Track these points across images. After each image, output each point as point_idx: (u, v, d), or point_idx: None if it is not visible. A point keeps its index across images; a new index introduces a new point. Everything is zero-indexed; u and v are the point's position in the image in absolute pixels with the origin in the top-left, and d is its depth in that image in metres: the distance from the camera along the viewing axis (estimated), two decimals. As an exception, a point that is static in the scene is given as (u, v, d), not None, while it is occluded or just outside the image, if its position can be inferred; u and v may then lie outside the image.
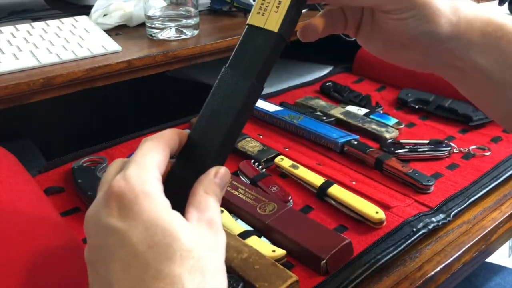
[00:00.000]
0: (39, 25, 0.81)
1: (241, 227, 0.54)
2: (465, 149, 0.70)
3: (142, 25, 0.86)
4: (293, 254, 0.51)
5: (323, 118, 0.78)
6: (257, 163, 0.66)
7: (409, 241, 0.52)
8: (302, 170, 0.64)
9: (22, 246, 0.42)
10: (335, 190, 0.59)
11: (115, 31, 0.84)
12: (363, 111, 0.80)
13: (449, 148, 0.69)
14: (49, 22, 0.82)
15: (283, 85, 0.95)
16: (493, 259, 0.73)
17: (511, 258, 1.48)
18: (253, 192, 0.58)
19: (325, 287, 0.47)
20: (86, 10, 0.88)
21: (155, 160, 0.33)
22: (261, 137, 0.75)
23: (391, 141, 0.71)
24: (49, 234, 0.45)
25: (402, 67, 0.47)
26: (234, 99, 0.37)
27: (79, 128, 0.98)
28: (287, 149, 0.71)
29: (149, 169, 0.32)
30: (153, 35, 0.82)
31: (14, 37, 0.77)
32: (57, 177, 0.66)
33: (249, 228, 0.54)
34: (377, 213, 0.54)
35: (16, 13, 0.93)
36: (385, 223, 0.55)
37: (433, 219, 0.55)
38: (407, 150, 0.68)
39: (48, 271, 0.41)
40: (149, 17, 0.82)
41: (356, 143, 0.69)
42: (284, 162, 0.65)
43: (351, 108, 0.82)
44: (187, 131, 0.38)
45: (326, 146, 0.72)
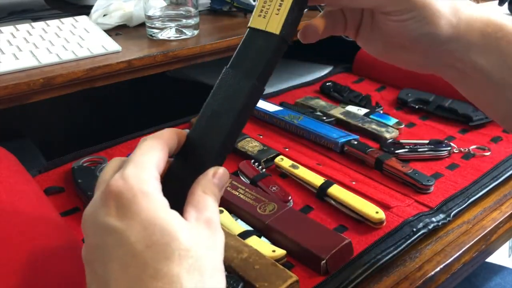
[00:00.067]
0: (39, 25, 0.81)
1: (241, 227, 0.54)
2: (465, 149, 0.70)
3: (142, 25, 0.86)
4: (293, 254, 0.51)
5: (323, 118, 0.78)
6: (257, 163, 0.66)
7: (409, 241, 0.52)
8: (302, 170, 0.64)
9: (22, 246, 0.42)
10: (335, 190, 0.59)
11: (115, 31, 0.84)
12: (363, 111, 0.80)
13: (449, 148, 0.69)
14: (49, 22, 0.82)
15: (283, 85, 0.95)
16: (493, 259, 0.73)
17: (511, 258, 1.48)
18: (253, 192, 0.58)
19: (325, 287, 0.47)
20: (86, 10, 0.88)
21: (153, 159, 0.33)
22: (261, 137, 0.75)
23: (391, 141, 0.71)
24: (49, 234, 0.45)
25: (402, 68, 0.48)
26: (235, 99, 0.37)
27: (79, 128, 0.98)
28: (287, 149, 0.71)
29: (147, 168, 0.32)
30: (153, 35, 0.82)
31: (14, 37, 0.77)
32: (57, 177, 0.66)
33: (249, 228, 0.54)
34: (377, 213, 0.54)
35: (16, 13, 0.93)
36: (385, 223, 0.55)
37: (433, 219, 0.55)
38: (407, 150, 0.68)
39: (48, 271, 0.41)
40: (149, 17, 0.82)
41: (356, 143, 0.69)
42: (284, 162, 0.65)
43: (351, 108, 0.82)
44: (186, 131, 0.38)
45: (326, 146, 0.72)
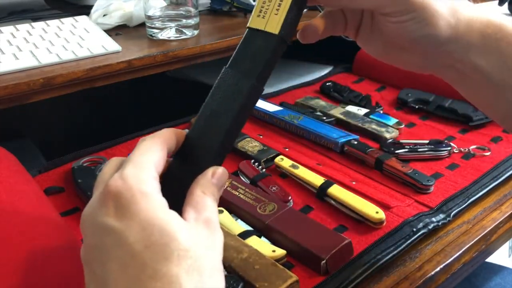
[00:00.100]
0: (39, 25, 0.81)
1: (241, 227, 0.54)
2: (465, 149, 0.70)
3: (142, 25, 0.86)
4: (293, 254, 0.51)
5: (323, 118, 0.78)
6: (257, 163, 0.66)
7: (409, 241, 0.52)
8: (302, 170, 0.64)
9: (22, 246, 0.42)
10: (335, 190, 0.59)
11: (115, 31, 0.84)
12: (363, 111, 0.80)
13: (449, 148, 0.69)
14: (49, 22, 0.82)
15: (283, 85, 0.95)
16: (493, 259, 0.73)
17: (511, 258, 1.48)
18: (253, 192, 0.58)
19: (325, 287, 0.47)
20: (86, 10, 0.88)
21: (152, 159, 0.33)
22: (261, 137, 0.75)
23: (391, 141, 0.71)
24: (49, 234, 0.45)
25: (401, 68, 0.48)
26: (234, 99, 0.37)
27: (79, 128, 0.98)
28: (287, 149, 0.71)
29: (146, 168, 0.32)
30: (153, 35, 0.82)
31: (14, 37, 0.77)
32: (57, 177, 0.66)
33: (249, 228, 0.54)
34: (377, 213, 0.54)
35: (16, 13, 0.93)
36: (385, 223, 0.55)
37: (433, 219, 0.55)
38: (407, 150, 0.68)
39: (48, 271, 0.41)
40: (149, 17, 0.82)
41: (356, 143, 0.69)
42: (284, 162, 0.65)
43: (351, 108, 0.82)
44: (185, 131, 0.38)
45: (326, 146, 0.72)
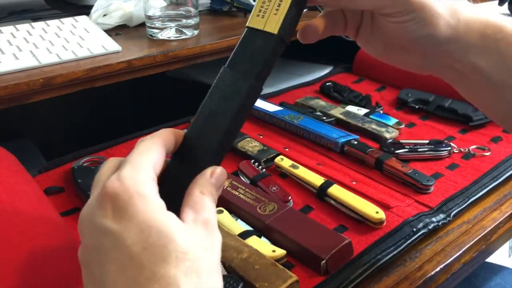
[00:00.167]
0: (39, 25, 0.81)
1: (241, 227, 0.54)
2: (465, 149, 0.70)
3: (142, 25, 0.86)
4: (293, 254, 0.51)
5: (323, 118, 0.78)
6: (257, 163, 0.66)
7: (409, 241, 0.52)
8: (302, 170, 0.64)
9: (22, 246, 0.42)
10: (335, 190, 0.59)
11: (115, 31, 0.84)
12: (363, 111, 0.80)
13: (449, 148, 0.69)
14: (49, 22, 0.82)
15: (283, 85, 0.95)
16: (493, 259, 0.73)
17: (511, 258, 1.48)
18: (253, 192, 0.58)
19: (325, 287, 0.47)
20: (86, 10, 0.88)
21: (150, 160, 0.33)
22: (261, 137, 0.75)
23: (391, 141, 0.71)
24: (49, 234, 0.45)
25: (401, 68, 0.48)
26: (232, 99, 0.37)
27: (79, 128, 0.98)
28: (287, 149, 0.71)
29: (144, 169, 0.32)
30: (153, 35, 0.82)
31: (14, 37, 0.77)
32: (57, 177, 0.66)
33: (249, 228, 0.54)
34: (377, 213, 0.54)
35: (16, 13, 0.93)
36: (385, 223, 0.55)
37: (433, 219, 0.55)
38: (407, 150, 0.68)
39: (48, 271, 0.41)
40: (149, 17, 0.82)
41: (356, 143, 0.69)
42: (284, 162, 0.65)
43: (351, 108, 0.82)
44: (183, 131, 0.38)
45: (326, 146, 0.72)
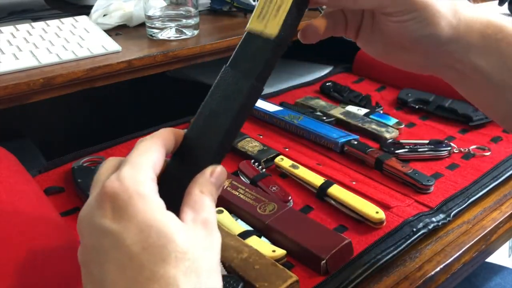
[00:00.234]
0: (39, 25, 0.81)
1: (241, 227, 0.54)
2: (465, 149, 0.70)
3: (142, 25, 0.86)
4: (293, 254, 0.51)
5: (323, 118, 0.78)
6: (257, 163, 0.66)
7: (409, 241, 0.52)
8: (302, 170, 0.64)
9: (22, 246, 0.42)
10: (335, 190, 0.59)
11: (115, 31, 0.84)
12: (363, 111, 0.80)
13: (449, 148, 0.68)
14: (49, 22, 0.82)
15: (283, 85, 0.95)
16: (493, 259, 0.73)
17: (511, 258, 1.48)
18: (253, 192, 0.58)
19: (325, 287, 0.47)
20: (86, 10, 0.88)
21: (150, 160, 0.33)
22: (261, 137, 0.75)
23: (391, 141, 0.71)
24: (49, 234, 0.45)
25: (402, 69, 0.48)
26: (234, 99, 0.37)
27: (79, 128, 0.98)
28: (287, 149, 0.71)
29: (144, 169, 0.32)
30: (153, 35, 0.82)
31: (14, 37, 0.77)
32: (57, 177, 0.66)
33: (249, 228, 0.54)
34: (377, 213, 0.54)
35: (16, 13, 0.93)
36: (385, 223, 0.55)
37: (433, 219, 0.55)
38: (407, 150, 0.68)
39: (48, 271, 0.41)
40: (149, 17, 0.82)
41: (356, 143, 0.69)
42: (284, 162, 0.65)
43: (351, 108, 0.82)
44: (183, 131, 0.37)
45: (326, 146, 0.72)
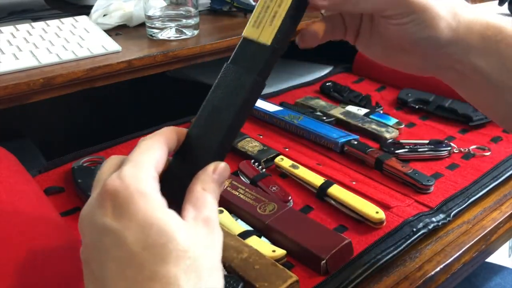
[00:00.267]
0: (39, 25, 0.81)
1: (241, 227, 0.54)
2: (465, 149, 0.70)
3: (142, 25, 0.86)
4: (293, 254, 0.51)
5: (323, 118, 0.78)
6: (257, 163, 0.66)
7: (409, 241, 0.52)
8: (302, 170, 0.64)
9: (22, 246, 0.42)
10: (335, 190, 0.59)
11: (115, 31, 0.84)
12: (363, 111, 0.80)
13: (449, 148, 0.68)
14: (49, 22, 0.82)
15: (283, 85, 0.95)
16: (493, 259, 0.73)
17: (511, 258, 1.48)
18: (253, 192, 0.58)
19: (325, 287, 0.47)
20: (86, 10, 0.88)
21: (152, 158, 0.33)
22: (261, 137, 0.75)
23: (391, 141, 0.71)
24: (49, 234, 0.45)
25: (401, 70, 0.48)
26: (236, 94, 0.37)
27: (79, 128, 0.98)
28: (287, 149, 0.71)
29: (145, 168, 0.32)
30: (153, 35, 0.82)
31: (14, 37, 0.77)
32: (57, 177, 0.66)
33: (249, 228, 0.54)
34: (377, 213, 0.54)
35: (16, 13, 0.93)
36: (385, 223, 0.55)
37: (433, 219, 0.55)
38: (407, 150, 0.68)
39: (48, 271, 0.41)
40: (149, 17, 0.82)
41: (356, 143, 0.69)
42: (284, 162, 0.65)
43: (351, 108, 0.82)
44: (185, 129, 0.37)
45: (326, 146, 0.72)
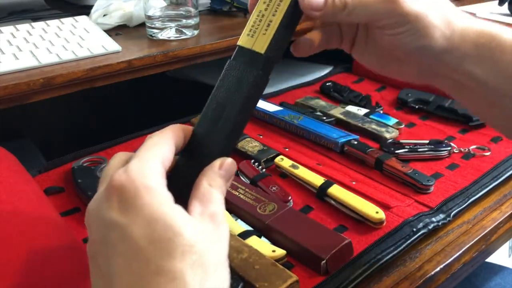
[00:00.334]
0: (39, 25, 0.81)
1: (241, 227, 0.54)
2: (465, 149, 0.70)
3: (142, 25, 0.86)
4: (293, 254, 0.51)
5: (323, 118, 0.78)
6: (257, 163, 0.66)
7: (409, 241, 0.52)
8: (302, 170, 0.64)
9: (22, 246, 0.42)
10: (335, 190, 0.59)
11: (115, 31, 0.84)
12: (363, 111, 0.80)
13: (449, 148, 0.69)
14: (49, 22, 0.82)
15: (283, 85, 0.95)
16: (493, 259, 0.73)
17: (511, 258, 1.48)
18: (253, 192, 0.58)
19: (325, 287, 0.47)
20: (86, 10, 0.88)
21: (158, 154, 0.33)
22: (261, 137, 0.75)
23: (391, 141, 0.71)
24: (49, 234, 0.45)
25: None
26: (240, 89, 0.37)
27: (79, 128, 0.98)
28: (287, 149, 0.71)
29: (151, 163, 0.32)
30: (153, 35, 0.82)
31: (14, 37, 0.77)
32: (57, 177, 0.66)
33: (249, 228, 0.54)
34: (377, 213, 0.54)
35: (16, 13, 0.93)
36: (385, 223, 0.55)
37: (433, 219, 0.55)
38: (407, 150, 0.68)
39: (48, 271, 0.41)
40: (149, 17, 0.82)
41: (356, 143, 0.69)
42: (284, 162, 0.65)
43: (351, 108, 0.82)
44: (191, 127, 0.37)
45: (326, 146, 0.72)
